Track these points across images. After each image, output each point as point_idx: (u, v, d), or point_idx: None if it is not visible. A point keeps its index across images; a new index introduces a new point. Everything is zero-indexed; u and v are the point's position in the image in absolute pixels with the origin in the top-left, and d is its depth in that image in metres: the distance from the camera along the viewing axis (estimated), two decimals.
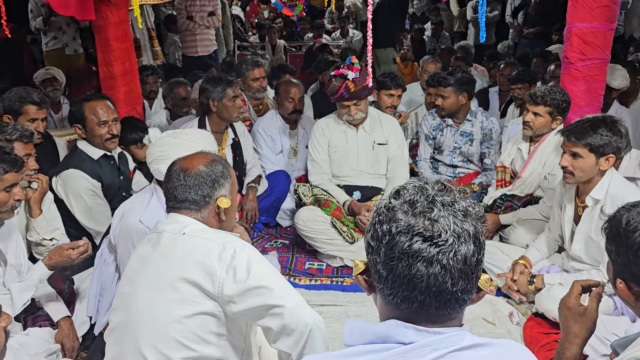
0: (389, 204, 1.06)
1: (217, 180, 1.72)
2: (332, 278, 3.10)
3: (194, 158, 1.76)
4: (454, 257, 0.99)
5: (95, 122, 2.84)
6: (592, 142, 2.40)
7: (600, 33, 3.30)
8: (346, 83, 3.17)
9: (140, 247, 1.76)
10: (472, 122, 3.87)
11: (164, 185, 1.79)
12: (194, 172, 1.71)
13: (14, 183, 2.10)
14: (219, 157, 1.81)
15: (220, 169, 1.74)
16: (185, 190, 1.69)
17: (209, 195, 1.71)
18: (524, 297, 2.69)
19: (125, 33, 3.54)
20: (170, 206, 1.74)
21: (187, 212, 1.71)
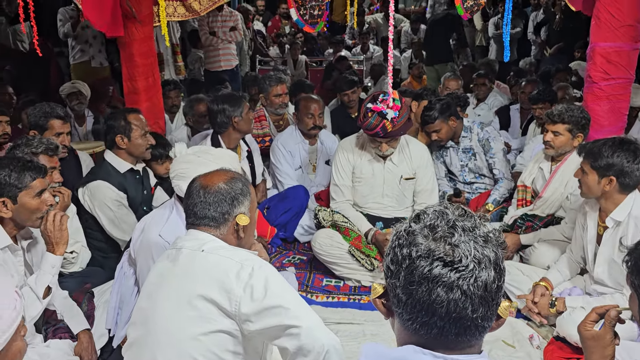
0: (409, 227, 1.05)
1: (237, 197, 1.73)
2: (349, 296, 3.08)
3: (214, 175, 1.77)
4: (474, 283, 0.98)
5: (139, 132, 2.95)
6: (593, 160, 2.43)
7: (625, 52, 3.27)
8: (384, 123, 3.00)
9: (159, 262, 1.78)
10: (469, 136, 3.88)
11: (184, 201, 1.80)
12: (213, 189, 1.72)
13: (42, 189, 2.15)
14: (239, 174, 1.82)
15: (239, 186, 1.75)
16: (205, 207, 1.70)
17: (228, 213, 1.71)
18: (544, 320, 2.64)
19: (150, 49, 3.61)
20: (189, 222, 1.75)
21: (207, 229, 1.71)
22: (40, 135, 3.14)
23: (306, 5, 3.53)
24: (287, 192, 3.83)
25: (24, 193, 2.10)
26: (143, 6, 3.43)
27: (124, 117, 2.95)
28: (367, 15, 10.38)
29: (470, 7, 3.49)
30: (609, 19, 3.22)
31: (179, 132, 4.51)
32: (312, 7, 3.55)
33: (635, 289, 1.38)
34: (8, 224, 2.15)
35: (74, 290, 2.57)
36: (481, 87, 5.83)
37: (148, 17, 3.49)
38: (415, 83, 6.92)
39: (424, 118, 3.79)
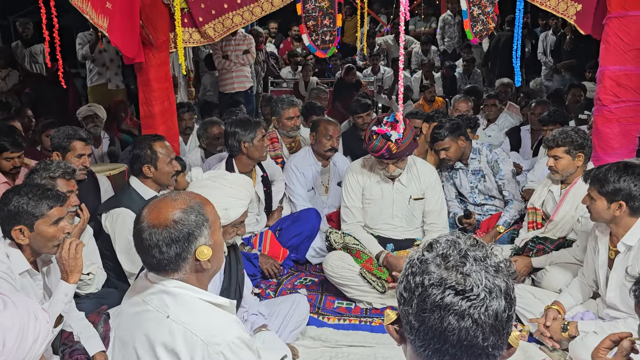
0: (422, 256, 1.08)
1: (192, 233, 1.53)
2: (360, 318, 3.09)
3: (162, 209, 1.54)
4: (485, 312, 1.00)
5: (166, 160, 2.97)
6: (599, 186, 2.44)
7: (634, 75, 3.31)
8: (388, 144, 3.06)
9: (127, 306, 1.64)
10: (478, 158, 3.93)
11: (134, 242, 1.59)
12: (162, 228, 1.51)
13: (60, 217, 2.19)
14: (189, 200, 1.59)
15: (193, 218, 1.54)
16: (157, 251, 1.51)
17: (186, 252, 1.53)
18: (557, 345, 2.63)
19: (166, 74, 3.71)
20: (148, 266, 1.58)
21: (166, 275, 1.55)
22: (62, 156, 3.24)
23: (318, 30, 3.61)
24: (299, 215, 3.87)
25: (40, 221, 2.14)
26: (160, 33, 3.53)
27: (149, 146, 2.95)
28: (377, 37, 10.51)
29: (479, 32, 3.54)
30: (618, 43, 3.26)
31: (192, 154, 4.58)
32: (324, 33, 3.62)
33: None
34: (26, 250, 2.20)
35: (90, 311, 2.61)
36: (492, 107, 5.88)
37: (164, 43, 3.59)
38: (427, 106, 6.97)
39: (434, 135, 3.85)
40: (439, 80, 8.58)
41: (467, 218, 3.90)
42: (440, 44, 9.95)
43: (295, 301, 2.80)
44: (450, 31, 9.76)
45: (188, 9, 3.62)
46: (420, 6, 10.71)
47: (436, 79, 8.56)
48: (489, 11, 3.50)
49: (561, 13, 3.60)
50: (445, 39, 9.87)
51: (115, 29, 3.05)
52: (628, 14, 3.20)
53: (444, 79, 8.68)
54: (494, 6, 3.53)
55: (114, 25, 3.03)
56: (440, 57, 9.75)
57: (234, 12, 3.63)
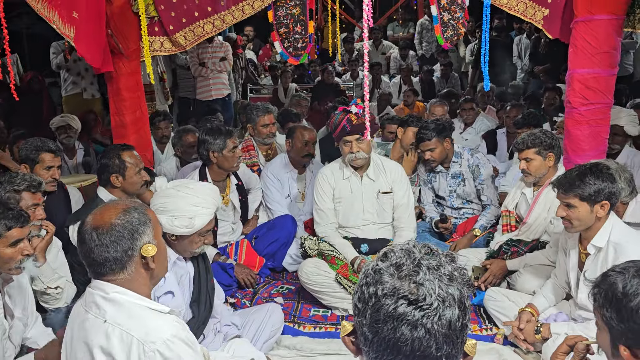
0: (376, 266, 1.07)
1: (136, 229, 1.56)
2: (337, 326, 3.07)
3: (104, 212, 1.59)
4: (438, 321, 0.99)
5: (135, 170, 2.93)
6: (580, 192, 2.41)
7: (602, 78, 3.33)
8: (349, 116, 3.20)
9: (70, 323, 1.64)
10: (459, 162, 3.95)
11: (78, 249, 1.61)
12: (106, 227, 1.54)
13: (19, 239, 2.10)
14: (131, 202, 1.65)
15: (136, 216, 1.58)
16: (103, 251, 1.52)
17: (131, 248, 1.55)
18: (531, 347, 2.64)
19: (137, 83, 3.66)
20: (92, 271, 1.58)
21: (111, 276, 1.55)
22: (31, 169, 3.18)
23: (290, 37, 3.60)
24: (275, 222, 3.85)
25: None
26: (130, 41, 3.49)
27: (117, 156, 2.91)
28: (356, 42, 10.54)
29: (450, 37, 3.56)
30: (586, 46, 3.29)
31: (168, 162, 4.54)
32: (296, 40, 3.62)
33: (606, 321, 1.37)
34: None
35: (59, 326, 2.56)
36: (469, 111, 5.92)
37: (135, 52, 3.55)
38: (407, 110, 7.01)
39: (420, 136, 3.87)
40: (418, 85, 8.63)
41: (443, 222, 3.91)
42: (419, 48, 10.01)
43: (269, 310, 2.77)
44: (428, 36, 9.82)
45: (158, 17, 3.59)
46: (398, 12, 10.78)
47: (414, 83, 8.61)
48: (459, 16, 3.52)
49: (529, 18, 3.63)
50: (423, 44, 9.94)
51: (81, 39, 3.00)
52: (594, 18, 3.23)
53: (422, 83, 8.73)
54: (464, 11, 3.56)
55: (80, 35, 2.98)
56: (419, 61, 9.81)
57: (205, 20, 3.60)
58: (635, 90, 7.28)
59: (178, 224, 2.20)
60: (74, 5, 3.01)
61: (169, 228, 2.21)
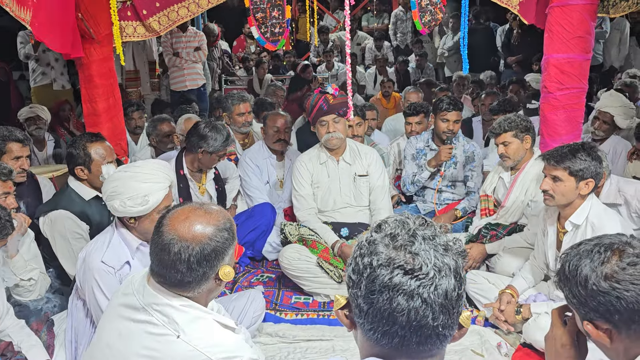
0: (370, 237, 1.06)
1: (222, 251, 1.48)
2: (318, 312, 3.05)
3: (194, 223, 1.47)
4: (434, 291, 0.98)
5: (100, 163, 2.76)
6: (571, 165, 2.43)
7: (577, 63, 3.37)
8: (325, 96, 3.22)
9: (119, 308, 1.55)
10: (455, 145, 3.94)
11: (151, 250, 1.52)
12: (196, 245, 1.44)
13: None
14: (221, 215, 1.54)
15: (225, 236, 1.49)
16: (185, 267, 1.44)
17: (211, 269, 1.48)
18: (511, 328, 2.67)
19: (110, 70, 3.55)
20: (161, 279, 1.49)
21: (182, 292, 1.49)
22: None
23: (267, 23, 3.55)
24: (254, 210, 3.80)
25: None
26: (101, 26, 3.38)
27: (83, 147, 2.78)
28: (331, 33, 10.51)
29: (427, 22, 3.56)
30: (561, 32, 3.32)
31: (142, 152, 4.44)
32: (273, 25, 3.56)
33: (569, 302, 1.32)
34: None
35: (33, 319, 2.48)
36: None
37: (107, 37, 3.43)
38: (384, 100, 7.01)
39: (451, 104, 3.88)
40: (393, 75, 8.64)
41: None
42: (393, 39, 10.03)
43: (251, 296, 2.72)
44: (403, 27, 9.86)
45: (131, 1, 3.49)
46: (373, 2, 10.78)
47: (390, 74, 8.62)
48: (436, 1, 3.52)
49: (505, 3, 3.64)
50: (397, 35, 9.96)
51: (40, 23, 2.83)
52: (569, 3, 3.26)
53: (397, 74, 8.75)
54: None
55: (38, 19, 2.81)
56: (394, 52, 9.83)
57: (180, 5, 3.51)
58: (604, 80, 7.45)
59: (131, 204, 2.11)
60: None
61: (123, 211, 2.13)
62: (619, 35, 7.40)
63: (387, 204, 3.44)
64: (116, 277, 2.19)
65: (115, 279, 2.18)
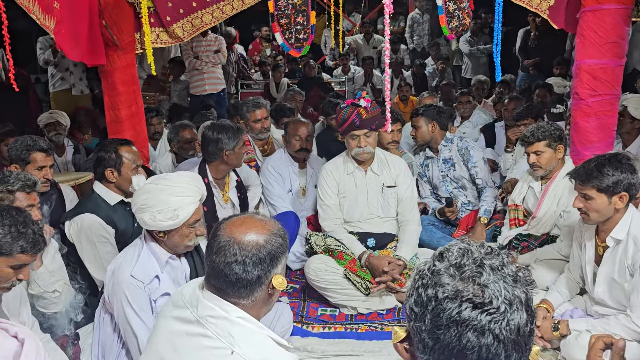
0: (432, 266, 1.00)
1: (277, 256, 1.48)
2: (346, 325, 2.99)
3: (250, 227, 1.49)
4: (507, 326, 0.92)
5: (131, 166, 2.83)
6: (598, 183, 2.35)
7: (610, 69, 3.28)
8: (358, 110, 3.13)
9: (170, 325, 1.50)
10: (449, 147, 3.95)
11: (207, 256, 1.52)
12: (253, 246, 1.45)
13: (24, 264, 1.91)
14: (275, 224, 1.56)
15: (280, 242, 1.50)
16: (241, 269, 1.43)
17: (266, 276, 1.47)
18: (548, 344, 2.58)
19: (132, 77, 3.53)
20: (213, 285, 1.47)
21: (236, 299, 1.46)
22: (22, 169, 3.03)
23: (291, 29, 3.49)
24: (277, 219, 3.72)
25: (2, 259, 1.85)
26: (125, 33, 3.35)
27: (115, 150, 2.82)
28: (347, 36, 10.45)
29: (455, 28, 3.48)
30: (593, 37, 3.24)
31: (163, 159, 4.42)
32: (298, 31, 3.51)
33: None
34: None
35: (58, 331, 2.44)
36: (465, 105, 5.86)
37: (130, 44, 3.41)
38: (402, 105, 6.94)
39: (413, 111, 4.03)
40: (410, 79, 8.56)
41: (450, 206, 3.85)
42: (410, 42, 9.95)
43: (278, 310, 2.67)
44: (419, 29, 9.77)
45: (154, 8, 3.45)
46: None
47: (406, 77, 8.54)
48: (464, 6, 3.44)
49: (535, 8, 3.57)
50: (414, 38, 9.88)
51: (62, 31, 2.84)
52: (602, 7, 3.18)
53: (414, 77, 8.67)
54: (469, 1, 3.48)
55: (61, 27, 2.82)
56: (410, 55, 9.74)
57: (204, 11, 3.48)
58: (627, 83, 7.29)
59: (161, 218, 2.08)
60: None
61: (153, 224, 2.10)
62: None
63: (415, 215, 3.37)
64: (145, 292, 2.15)
65: (145, 294, 2.15)
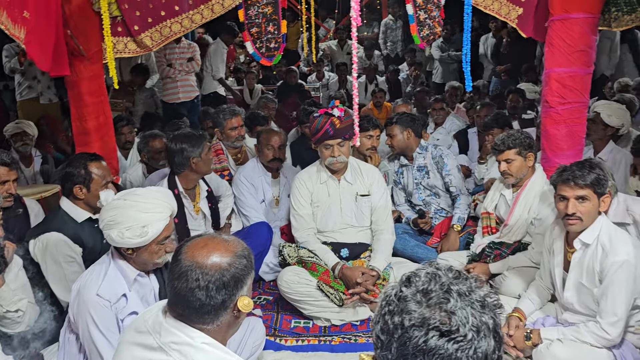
0: (399, 292, 0.98)
1: (241, 279, 1.44)
2: (319, 337, 2.95)
3: (213, 250, 1.44)
4: (474, 354, 0.91)
5: (100, 182, 2.72)
6: (595, 183, 2.37)
7: (579, 77, 3.33)
8: (332, 119, 3.11)
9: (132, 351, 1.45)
10: (424, 154, 3.97)
11: (168, 282, 1.47)
12: (216, 270, 1.40)
13: None
14: (239, 244, 1.51)
15: (244, 263, 1.46)
16: (204, 295, 1.38)
17: (230, 299, 1.42)
18: (520, 354, 2.59)
19: (100, 87, 3.45)
20: (176, 311, 1.43)
21: (201, 325, 1.42)
22: None
23: (262, 38, 3.46)
24: (250, 230, 3.70)
25: None
26: (91, 43, 3.28)
27: (84, 166, 2.70)
28: (320, 42, 10.46)
29: (426, 36, 3.50)
30: (562, 45, 3.28)
31: (133, 169, 4.33)
32: (269, 40, 3.48)
33: None
34: None
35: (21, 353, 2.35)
36: (439, 111, 5.90)
37: (97, 54, 3.33)
38: (376, 110, 6.95)
39: (387, 120, 3.97)
40: (384, 85, 8.60)
41: (422, 218, 3.87)
42: (383, 48, 10.01)
43: (250, 325, 2.61)
44: (393, 35, 9.84)
45: (122, 17, 3.38)
46: (362, 11, 10.74)
47: (380, 83, 8.58)
48: (435, 15, 3.46)
49: (504, 17, 3.61)
50: (387, 43, 9.94)
51: (32, 41, 2.75)
52: (570, 17, 3.22)
53: (388, 83, 8.71)
54: (440, 10, 3.50)
55: (31, 37, 2.73)
56: (384, 61, 9.79)
57: (173, 20, 3.41)
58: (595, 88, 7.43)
59: (130, 235, 2.02)
60: (25, 4, 2.78)
61: (120, 241, 2.04)
62: (609, 43, 7.40)
63: (389, 224, 3.36)
64: (112, 311, 2.09)
65: (111, 313, 2.09)
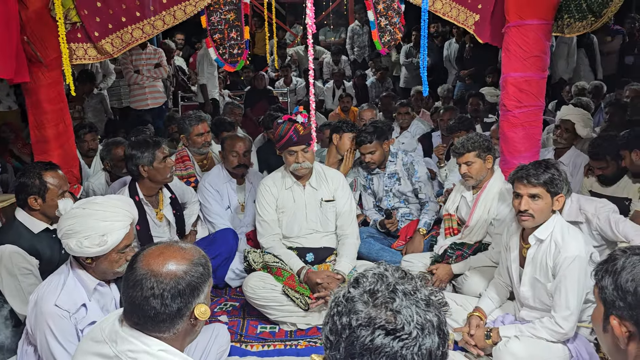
0: (347, 293, 1.01)
1: (198, 287, 1.43)
2: (285, 342, 2.96)
3: (168, 258, 1.43)
4: (418, 351, 0.94)
5: (56, 192, 2.65)
6: (549, 182, 2.45)
7: (534, 81, 3.44)
8: (295, 126, 3.12)
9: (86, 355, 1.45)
10: (395, 162, 4.01)
11: (123, 291, 1.45)
12: (170, 278, 1.39)
13: None
14: (196, 251, 1.51)
15: (200, 271, 1.45)
16: (159, 303, 1.38)
17: (187, 307, 1.42)
18: (481, 352, 2.65)
19: (59, 94, 3.39)
20: (132, 320, 1.42)
21: (157, 333, 1.41)
22: None
23: (225, 44, 3.46)
24: (216, 236, 3.68)
25: None
26: (49, 50, 3.22)
27: (38, 176, 2.64)
28: (288, 47, 10.49)
29: (387, 42, 3.56)
30: (518, 51, 3.39)
31: (96, 177, 4.26)
32: (232, 46, 3.48)
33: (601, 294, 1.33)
34: None
35: None
36: (405, 115, 5.99)
37: (55, 61, 3.27)
38: (343, 115, 7.01)
39: (361, 139, 3.88)
40: (351, 89, 8.68)
41: (389, 218, 3.91)
42: (350, 53, 10.10)
43: (215, 331, 2.61)
44: (359, 41, 9.94)
45: (81, 22, 3.33)
46: (329, 17, 10.83)
47: (348, 88, 8.66)
48: (395, 22, 3.52)
49: (461, 23, 3.70)
50: (354, 49, 10.03)
51: None
52: (525, 23, 3.33)
53: (355, 88, 8.79)
54: (400, 17, 3.56)
55: None
56: (351, 66, 9.88)
57: (134, 26, 3.38)
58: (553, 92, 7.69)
59: (88, 244, 2.00)
60: None
61: (79, 251, 2.02)
62: (567, 48, 7.65)
63: (354, 229, 3.38)
64: (71, 321, 2.05)
65: (71, 323, 2.05)
